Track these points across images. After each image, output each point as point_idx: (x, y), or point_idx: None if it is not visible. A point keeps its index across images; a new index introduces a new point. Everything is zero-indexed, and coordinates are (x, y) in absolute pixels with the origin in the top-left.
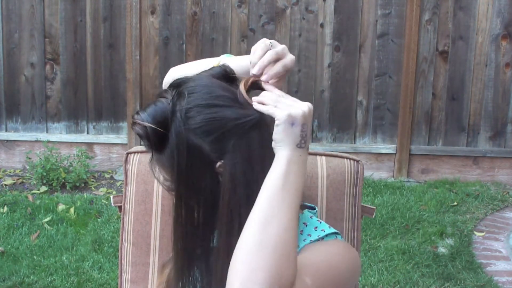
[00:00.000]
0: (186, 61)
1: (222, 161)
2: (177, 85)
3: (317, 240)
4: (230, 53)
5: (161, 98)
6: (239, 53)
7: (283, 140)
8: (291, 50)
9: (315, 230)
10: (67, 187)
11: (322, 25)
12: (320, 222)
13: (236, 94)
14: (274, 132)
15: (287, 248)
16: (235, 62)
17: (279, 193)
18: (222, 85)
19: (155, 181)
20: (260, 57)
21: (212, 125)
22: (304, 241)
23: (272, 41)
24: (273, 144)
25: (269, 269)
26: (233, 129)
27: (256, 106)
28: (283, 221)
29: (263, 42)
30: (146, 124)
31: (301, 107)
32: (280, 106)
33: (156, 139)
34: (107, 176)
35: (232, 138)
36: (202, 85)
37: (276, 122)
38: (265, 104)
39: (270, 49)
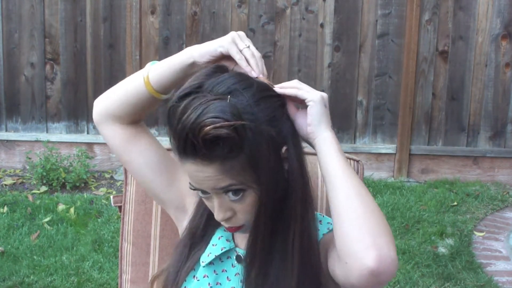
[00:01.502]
0: None
1: (286, 146)
2: (202, 87)
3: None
4: None
5: (208, 101)
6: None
7: (321, 121)
8: (291, 50)
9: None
10: (67, 187)
11: (322, 25)
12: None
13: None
14: (309, 114)
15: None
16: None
17: (349, 169)
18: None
19: None
20: (243, 59)
21: (275, 112)
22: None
23: (240, 34)
24: (311, 128)
25: (388, 233)
26: (284, 113)
27: (289, 91)
28: (366, 192)
29: (234, 44)
30: (235, 122)
31: (321, 92)
32: (306, 89)
33: (237, 140)
34: (107, 176)
35: (286, 121)
36: (242, 79)
37: (311, 103)
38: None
39: (246, 48)
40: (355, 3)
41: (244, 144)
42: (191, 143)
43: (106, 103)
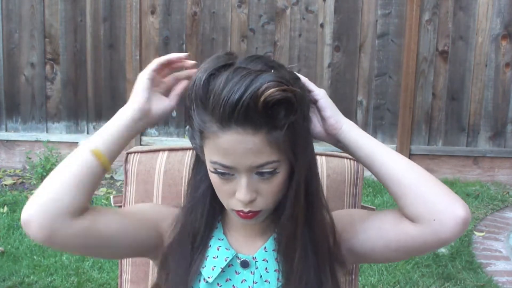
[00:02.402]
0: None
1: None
2: (234, 64)
3: None
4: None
5: (254, 72)
6: (239, 53)
7: (338, 111)
8: (291, 50)
9: None
10: None
11: (322, 25)
12: None
13: None
14: (325, 107)
15: None
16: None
17: (386, 147)
18: None
19: (155, 181)
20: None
21: (304, 93)
22: None
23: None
24: (334, 118)
25: (454, 193)
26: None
27: (302, 77)
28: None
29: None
30: (295, 88)
31: None
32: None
33: (294, 107)
34: (107, 176)
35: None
36: (271, 60)
37: (322, 95)
38: None
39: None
40: (355, 3)
41: (297, 113)
42: (246, 107)
43: (52, 204)
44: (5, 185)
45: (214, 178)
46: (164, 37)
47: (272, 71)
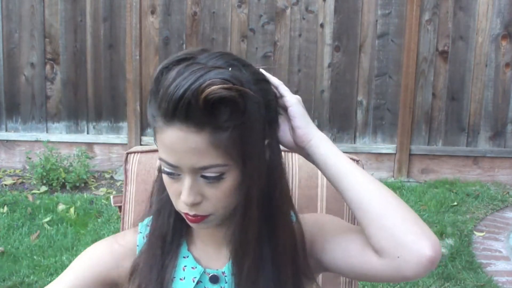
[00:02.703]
0: None
1: (268, 140)
2: (195, 58)
3: None
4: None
5: (207, 67)
6: (239, 52)
7: (309, 122)
8: (291, 50)
9: None
10: (67, 187)
11: (322, 25)
12: None
13: None
14: (294, 116)
15: None
16: None
17: (356, 166)
18: None
19: None
20: None
21: (269, 97)
22: None
23: None
24: (302, 130)
25: (421, 219)
26: (277, 105)
27: (273, 79)
28: (382, 184)
29: None
30: (243, 88)
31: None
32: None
33: (239, 108)
34: (107, 176)
35: (276, 114)
36: (238, 58)
37: (293, 101)
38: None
39: None
40: (355, 3)
41: (244, 114)
42: (187, 103)
43: None
44: (5, 185)
45: (164, 177)
46: (164, 37)
47: (230, 69)
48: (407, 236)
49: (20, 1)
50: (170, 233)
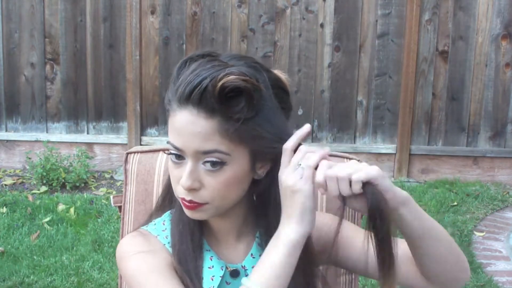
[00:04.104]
0: None
1: (261, 163)
2: (217, 56)
3: None
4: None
5: (228, 63)
6: (239, 53)
7: (391, 184)
8: (291, 50)
9: None
10: (67, 187)
11: (322, 25)
12: None
13: None
14: (386, 189)
15: None
16: None
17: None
18: None
19: (155, 181)
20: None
21: (279, 109)
22: None
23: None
24: (390, 194)
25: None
26: (285, 119)
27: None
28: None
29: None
30: (259, 84)
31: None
32: (356, 167)
33: (252, 102)
34: (107, 176)
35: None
36: (259, 62)
37: (379, 174)
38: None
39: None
40: (355, 3)
41: (255, 109)
42: (203, 89)
43: None
44: (5, 185)
45: (169, 163)
46: (164, 37)
47: (249, 69)
48: (463, 271)
49: (20, 1)
50: (197, 225)
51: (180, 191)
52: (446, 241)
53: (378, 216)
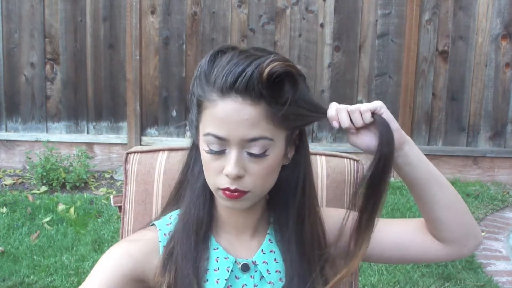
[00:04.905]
0: (186, 61)
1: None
2: (247, 51)
3: None
4: None
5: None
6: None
7: (398, 125)
8: (291, 50)
9: None
10: (67, 187)
11: (322, 25)
12: None
13: None
14: (389, 117)
15: None
16: None
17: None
18: None
19: (155, 181)
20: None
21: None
22: None
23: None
24: (398, 132)
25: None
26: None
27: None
28: None
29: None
30: (299, 68)
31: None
32: (362, 106)
33: (297, 87)
34: (107, 176)
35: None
36: (280, 55)
37: (382, 104)
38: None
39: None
40: (355, 3)
41: (299, 94)
42: (249, 76)
43: None
44: (5, 185)
45: (205, 156)
46: (164, 37)
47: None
48: (476, 229)
49: (20, 1)
50: (206, 218)
51: (222, 182)
52: (451, 188)
53: (386, 142)
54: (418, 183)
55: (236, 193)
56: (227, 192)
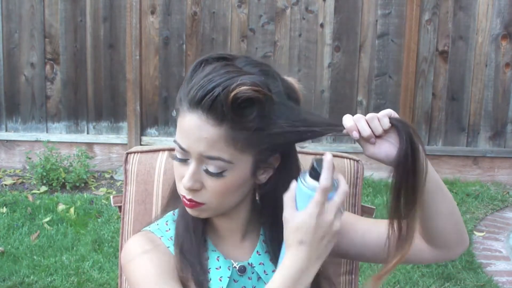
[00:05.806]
0: (186, 61)
1: (276, 154)
2: (233, 60)
3: None
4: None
5: (242, 70)
6: (239, 53)
7: None
8: (291, 50)
9: None
10: (67, 187)
11: (322, 25)
12: None
13: None
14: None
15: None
16: None
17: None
18: None
19: (155, 181)
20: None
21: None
22: None
23: None
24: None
25: None
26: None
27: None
28: None
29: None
30: (270, 94)
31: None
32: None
33: (263, 113)
34: (107, 176)
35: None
36: (273, 69)
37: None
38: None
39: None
40: (355, 3)
41: (266, 119)
42: (215, 97)
43: None
44: (5, 185)
45: (174, 161)
46: (164, 37)
47: (263, 78)
48: (465, 235)
49: (20, 1)
50: (200, 225)
51: (181, 189)
52: (451, 197)
53: (411, 145)
54: (425, 193)
55: (190, 203)
56: (184, 200)
